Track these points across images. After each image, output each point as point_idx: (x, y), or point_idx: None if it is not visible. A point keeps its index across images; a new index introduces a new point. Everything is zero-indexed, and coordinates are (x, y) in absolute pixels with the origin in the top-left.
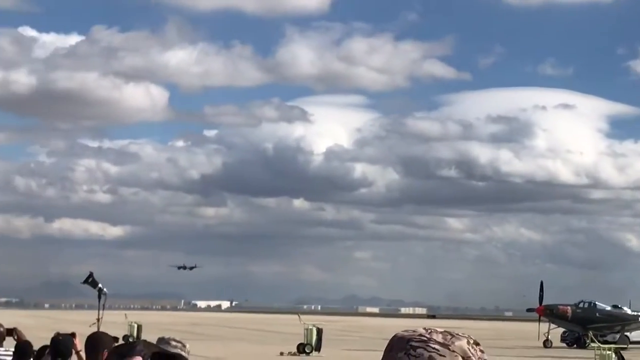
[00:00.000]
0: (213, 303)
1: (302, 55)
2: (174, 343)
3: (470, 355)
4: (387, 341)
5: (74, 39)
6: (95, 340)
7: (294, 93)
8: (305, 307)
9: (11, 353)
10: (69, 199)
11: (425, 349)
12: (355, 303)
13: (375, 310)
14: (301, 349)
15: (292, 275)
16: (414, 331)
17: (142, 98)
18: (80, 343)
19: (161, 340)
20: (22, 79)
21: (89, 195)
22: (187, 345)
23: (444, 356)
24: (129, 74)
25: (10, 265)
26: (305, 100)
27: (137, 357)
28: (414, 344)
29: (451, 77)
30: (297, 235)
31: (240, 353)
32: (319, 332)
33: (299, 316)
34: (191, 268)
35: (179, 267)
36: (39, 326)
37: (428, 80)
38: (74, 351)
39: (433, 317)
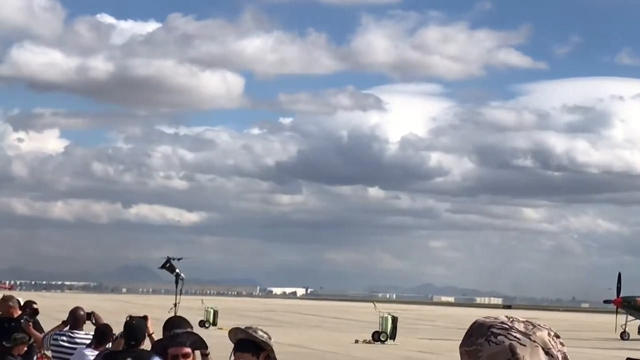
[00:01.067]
0: (288, 290)
1: (377, 44)
2: (260, 333)
3: (551, 347)
4: (463, 330)
5: (151, 27)
6: (169, 324)
7: (368, 81)
8: (380, 295)
9: (91, 336)
10: (146, 184)
11: (506, 337)
12: (430, 292)
13: (450, 299)
14: (376, 336)
15: (367, 263)
16: (495, 318)
17: (218, 85)
18: (152, 326)
19: (249, 328)
20: (100, 66)
21: (166, 181)
22: (272, 339)
23: (524, 345)
24: (205, 62)
25: (89, 250)
26: (380, 89)
27: (182, 347)
28: (495, 330)
29: (527, 66)
30: (372, 224)
31: (315, 340)
32: (394, 320)
33: (374, 304)
34: (179, 259)
35: (168, 259)
36: (116, 310)
37: (503, 70)
38: (146, 334)
39: (509, 307)
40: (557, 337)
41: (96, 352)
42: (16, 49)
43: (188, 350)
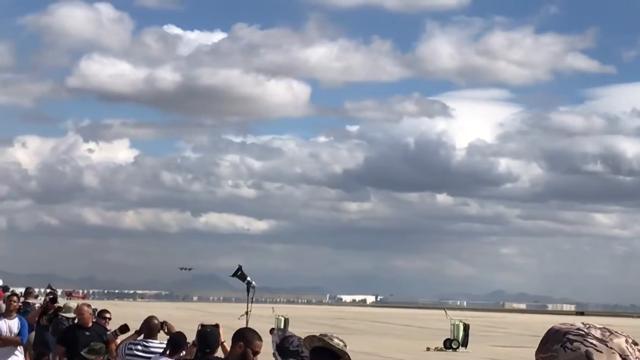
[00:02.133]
0: (358, 297)
1: (442, 50)
2: (336, 341)
3: (629, 354)
4: (535, 337)
5: (217, 37)
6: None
7: (434, 88)
8: (450, 302)
9: (164, 345)
10: (215, 193)
11: (582, 343)
12: (501, 299)
13: (522, 306)
14: (448, 344)
15: (437, 270)
16: (571, 325)
17: (285, 94)
18: (224, 334)
19: (324, 336)
20: (168, 76)
21: (234, 189)
22: (347, 347)
23: (601, 352)
24: (271, 71)
25: (160, 259)
26: (446, 95)
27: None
28: (571, 337)
29: (595, 70)
30: (441, 230)
31: (386, 347)
32: (466, 327)
33: (446, 311)
34: (189, 269)
35: (181, 269)
36: (188, 319)
37: (571, 74)
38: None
39: (582, 313)
40: (635, 344)
41: None
42: (85, 60)
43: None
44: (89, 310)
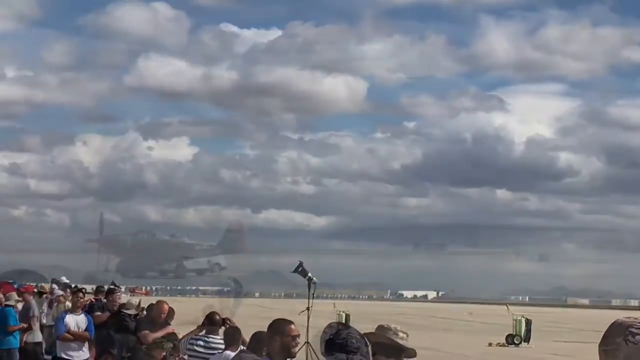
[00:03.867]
0: (419, 293)
1: (498, 45)
2: (401, 335)
3: None
4: (598, 333)
5: (272, 34)
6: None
7: (490, 83)
8: (512, 298)
9: None
10: (274, 190)
11: None
12: (563, 294)
13: (585, 301)
14: (510, 339)
15: (498, 265)
16: (635, 318)
17: (341, 90)
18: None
19: (388, 330)
20: (224, 74)
21: (293, 186)
22: (409, 336)
23: None
24: (327, 67)
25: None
26: (502, 90)
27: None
28: (633, 330)
29: None
30: (501, 226)
31: (448, 343)
32: (528, 323)
33: (507, 307)
34: (186, 258)
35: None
36: (251, 315)
37: (629, 67)
38: None
39: None
40: None
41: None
42: (142, 59)
43: None
44: (167, 308)
